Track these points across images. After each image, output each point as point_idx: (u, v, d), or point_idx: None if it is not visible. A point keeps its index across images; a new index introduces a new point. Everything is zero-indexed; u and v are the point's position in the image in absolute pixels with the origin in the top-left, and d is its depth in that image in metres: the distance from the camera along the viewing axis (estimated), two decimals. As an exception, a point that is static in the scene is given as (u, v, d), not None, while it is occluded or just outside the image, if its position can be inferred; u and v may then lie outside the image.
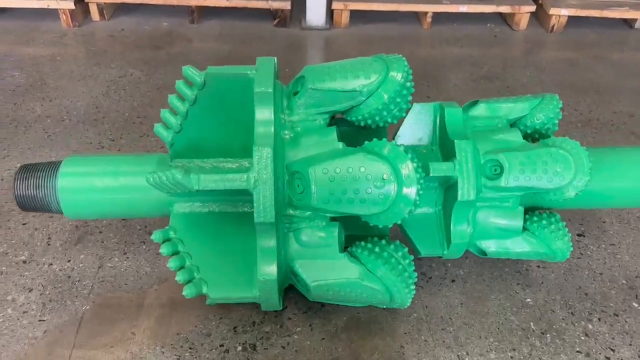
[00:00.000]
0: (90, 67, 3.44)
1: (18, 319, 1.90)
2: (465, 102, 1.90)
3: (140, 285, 2.02)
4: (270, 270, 1.53)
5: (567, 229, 1.81)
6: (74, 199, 1.78)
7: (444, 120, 1.76)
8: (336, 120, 1.78)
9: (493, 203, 1.72)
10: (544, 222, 1.79)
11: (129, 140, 2.78)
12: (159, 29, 3.96)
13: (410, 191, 1.48)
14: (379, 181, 1.46)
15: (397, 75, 1.60)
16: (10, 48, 3.62)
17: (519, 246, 1.78)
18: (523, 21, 4.07)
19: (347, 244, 1.74)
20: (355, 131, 1.80)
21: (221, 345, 1.82)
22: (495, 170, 1.66)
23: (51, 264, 2.10)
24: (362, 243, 1.68)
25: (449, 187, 1.73)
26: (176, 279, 1.64)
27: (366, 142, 1.55)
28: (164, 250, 1.67)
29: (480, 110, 1.83)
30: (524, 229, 1.79)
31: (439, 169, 1.64)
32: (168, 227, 1.72)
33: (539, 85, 3.43)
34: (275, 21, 3.99)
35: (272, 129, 1.55)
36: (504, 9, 4.02)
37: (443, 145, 1.79)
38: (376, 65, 1.61)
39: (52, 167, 1.80)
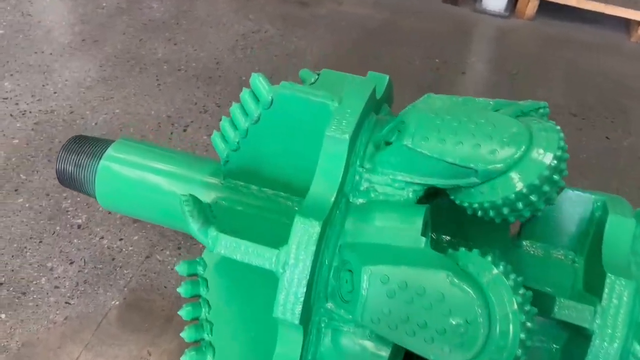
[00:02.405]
0: (227, 13, 3.17)
1: (47, 294, 1.74)
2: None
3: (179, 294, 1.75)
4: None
5: None
6: (110, 188, 1.53)
7: (603, 230, 1.16)
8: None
9: (643, 379, 1.11)
10: None
11: (234, 110, 2.49)
12: (314, -17, 3.56)
13: (508, 347, 0.95)
14: (461, 321, 0.95)
15: (544, 158, 1.03)
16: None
17: None
18: None
19: None
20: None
21: (233, 407, 1.50)
22: (662, 338, 1.05)
23: (102, 237, 1.91)
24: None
25: (579, 330, 1.15)
26: (182, 335, 1.31)
27: (462, 249, 1.03)
28: (182, 289, 1.35)
29: (670, 227, 1.18)
30: None
31: (568, 311, 1.08)
32: (198, 259, 1.39)
33: None
34: (445, -3, 3.37)
35: (333, 195, 1.09)
36: None
37: (591, 264, 1.19)
38: (514, 132, 1.05)
39: (100, 146, 1.55)
